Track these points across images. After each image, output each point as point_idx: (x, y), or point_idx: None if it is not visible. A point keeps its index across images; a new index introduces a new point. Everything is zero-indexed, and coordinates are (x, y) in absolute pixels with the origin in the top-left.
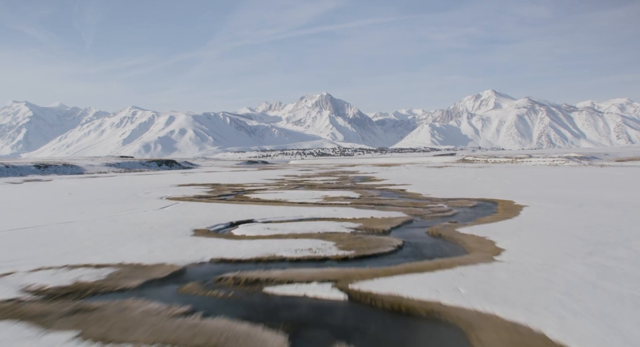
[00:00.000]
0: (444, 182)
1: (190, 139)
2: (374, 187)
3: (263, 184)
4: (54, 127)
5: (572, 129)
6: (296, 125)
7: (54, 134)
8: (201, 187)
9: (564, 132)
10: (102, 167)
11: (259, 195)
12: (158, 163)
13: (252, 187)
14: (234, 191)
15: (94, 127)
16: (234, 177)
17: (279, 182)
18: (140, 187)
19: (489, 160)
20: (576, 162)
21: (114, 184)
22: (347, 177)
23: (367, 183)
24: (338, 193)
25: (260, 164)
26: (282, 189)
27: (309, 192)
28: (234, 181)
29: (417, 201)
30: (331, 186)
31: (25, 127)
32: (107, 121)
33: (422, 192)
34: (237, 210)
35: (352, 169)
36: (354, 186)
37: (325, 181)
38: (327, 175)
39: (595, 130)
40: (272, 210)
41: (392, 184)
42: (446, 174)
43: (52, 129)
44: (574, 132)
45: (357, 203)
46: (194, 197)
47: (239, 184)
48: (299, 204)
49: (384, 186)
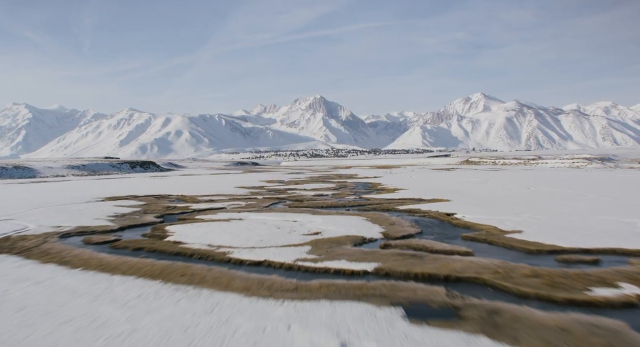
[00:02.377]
0: (499, 197)
1: (186, 141)
2: (393, 204)
3: (230, 197)
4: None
5: (559, 131)
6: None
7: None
8: (129, 206)
9: (551, 134)
10: (61, 170)
11: (188, 232)
12: (131, 165)
13: (210, 202)
14: (169, 211)
15: (92, 129)
16: (203, 184)
17: (253, 193)
18: (34, 202)
19: (497, 162)
20: (600, 164)
21: (23, 194)
22: (345, 184)
23: (377, 197)
24: (340, 223)
25: (250, 166)
26: (249, 209)
27: (287, 220)
28: (196, 190)
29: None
30: (326, 202)
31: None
32: (104, 123)
33: (513, 230)
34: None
35: (348, 172)
36: (361, 203)
37: (317, 191)
38: (320, 180)
39: (581, 133)
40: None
41: (416, 199)
42: (469, 180)
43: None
44: (561, 134)
45: (404, 275)
46: (57, 236)
47: (193, 197)
48: (255, 290)
49: (406, 202)
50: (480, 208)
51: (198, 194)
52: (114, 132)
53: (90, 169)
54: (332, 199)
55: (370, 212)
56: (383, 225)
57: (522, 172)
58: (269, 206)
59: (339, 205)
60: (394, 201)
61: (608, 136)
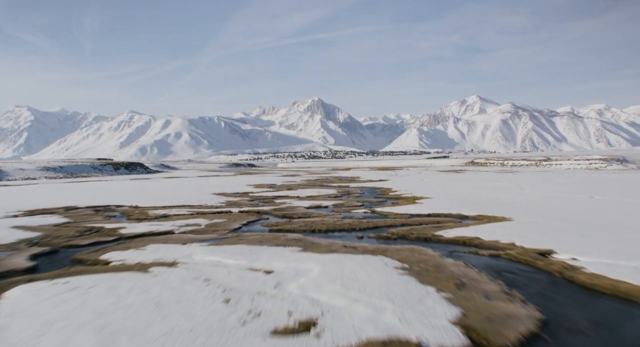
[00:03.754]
0: (589, 214)
1: (186, 142)
2: (428, 227)
3: (195, 210)
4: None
5: (554, 133)
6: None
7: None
8: (33, 229)
9: (546, 136)
10: (34, 172)
11: (15, 322)
12: (115, 167)
13: (160, 220)
14: (79, 241)
15: (93, 131)
16: (178, 189)
17: (230, 204)
18: None
19: (505, 164)
20: (620, 166)
21: None
22: (348, 190)
23: (396, 210)
24: (355, 280)
25: (244, 168)
26: (205, 235)
27: (255, 270)
28: (161, 197)
29: None
30: (326, 222)
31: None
32: (105, 125)
33: None
34: None
35: (349, 175)
36: (378, 223)
37: (314, 201)
38: (317, 185)
39: (576, 135)
40: None
41: (454, 215)
42: (499, 185)
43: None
44: (555, 136)
45: None
46: None
47: (145, 211)
48: None
49: (445, 222)
50: (589, 239)
51: (157, 205)
52: (115, 134)
53: (68, 171)
54: (333, 215)
55: (402, 247)
56: (443, 289)
57: (545, 175)
58: (240, 228)
59: (346, 227)
60: (424, 218)
61: (602, 138)
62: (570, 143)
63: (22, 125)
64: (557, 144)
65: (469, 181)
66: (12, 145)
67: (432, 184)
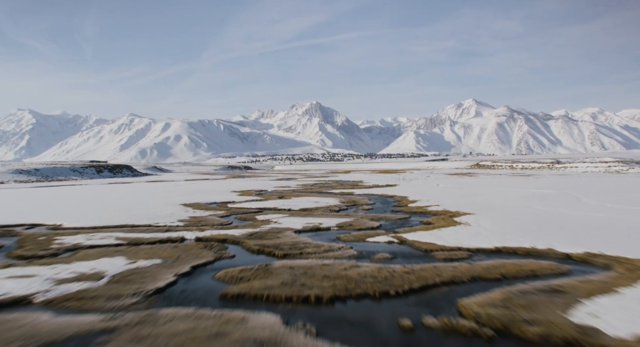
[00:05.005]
0: None
1: (185, 145)
2: (534, 296)
3: (131, 236)
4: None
5: (549, 136)
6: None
7: (56, 141)
8: None
9: (541, 139)
10: (5, 175)
11: None
12: (97, 169)
13: (69, 253)
14: None
15: (93, 134)
16: (145, 197)
17: (195, 222)
18: None
19: (514, 166)
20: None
21: None
22: (354, 200)
23: (436, 239)
24: None
25: (239, 170)
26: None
27: None
28: (111, 211)
29: None
30: (335, 272)
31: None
32: (105, 128)
33: None
34: None
35: (350, 178)
36: (423, 273)
37: (310, 217)
38: (315, 191)
39: (570, 138)
40: None
41: (551, 254)
42: (536, 191)
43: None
44: (550, 139)
45: None
46: None
47: (54, 238)
48: None
49: (527, 267)
50: None
51: (85, 225)
52: (115, 137)
53: (44, 174)
54: (340, 250)
55: None
56: None
57: (574, 179)
58: (171, 284)
59: (371, 291)
60: (497, 260)
61: (596, 141)
62: (565, 146)
63: (24, 128)
64: (552, 147)
65: (492, 186)
66: (14, 148)
67: (451, 190)
